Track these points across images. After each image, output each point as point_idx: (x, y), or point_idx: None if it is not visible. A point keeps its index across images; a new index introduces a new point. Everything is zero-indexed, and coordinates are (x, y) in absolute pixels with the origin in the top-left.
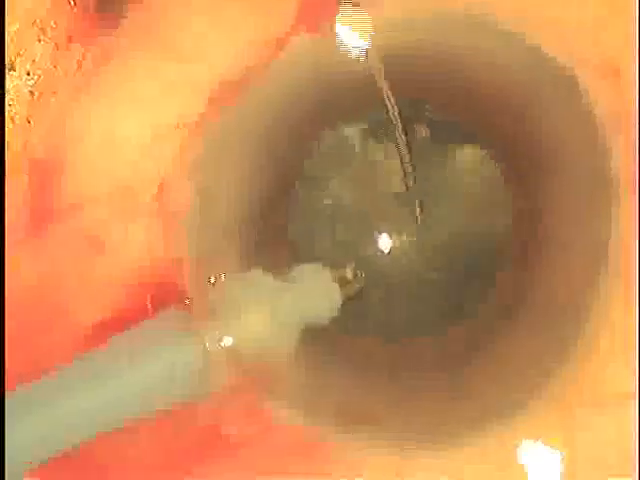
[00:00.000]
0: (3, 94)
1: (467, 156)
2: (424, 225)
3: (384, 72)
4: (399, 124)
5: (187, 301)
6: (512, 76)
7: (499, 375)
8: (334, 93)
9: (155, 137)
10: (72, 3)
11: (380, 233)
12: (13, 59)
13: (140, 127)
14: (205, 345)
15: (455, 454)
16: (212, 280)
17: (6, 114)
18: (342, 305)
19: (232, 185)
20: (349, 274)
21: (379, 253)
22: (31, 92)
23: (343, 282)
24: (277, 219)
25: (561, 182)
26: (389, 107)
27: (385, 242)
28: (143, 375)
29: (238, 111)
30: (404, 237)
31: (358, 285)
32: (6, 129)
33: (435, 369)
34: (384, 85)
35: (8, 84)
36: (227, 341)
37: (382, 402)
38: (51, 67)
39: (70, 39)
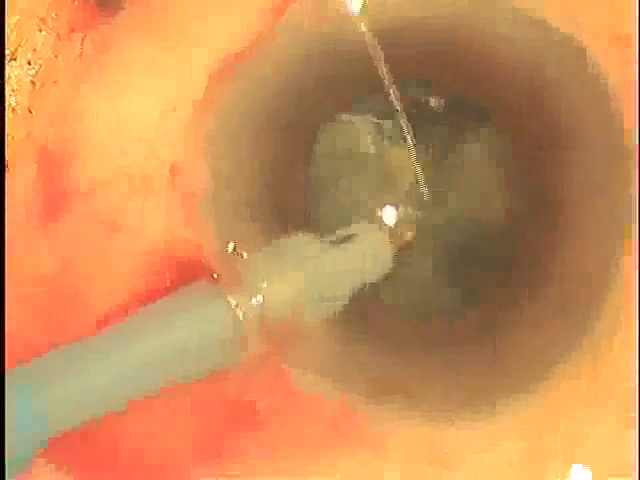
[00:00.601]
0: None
1: (479, 134)
2: (437, 206)
3: (385, 53)
4: (402, 112)
5: (215, 275)
6: (520, 51)
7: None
8: (339, 63)
9: (163, 116)
10: None
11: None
12: (14, 49)
13: (148, 107)
14: (236, 311)
15: (486, 425)
16: (241, 253)
17: (6, 104)
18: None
19: (246, 159)
20: (401, 229)
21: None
22: (32, 82)
23: (393, 233)
24: (294, 191)
25: (577, 157)
26: (391, 95)
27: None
28: (175, 342)
29: (243, 84)
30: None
31: (409, 234)
32: (6, 119)
33: (458, 345)
34: (385, 74)
35: (9, 74)
36: (257, 307)
37: (414, 374)
38: (52, 57)
39: (72, 30)
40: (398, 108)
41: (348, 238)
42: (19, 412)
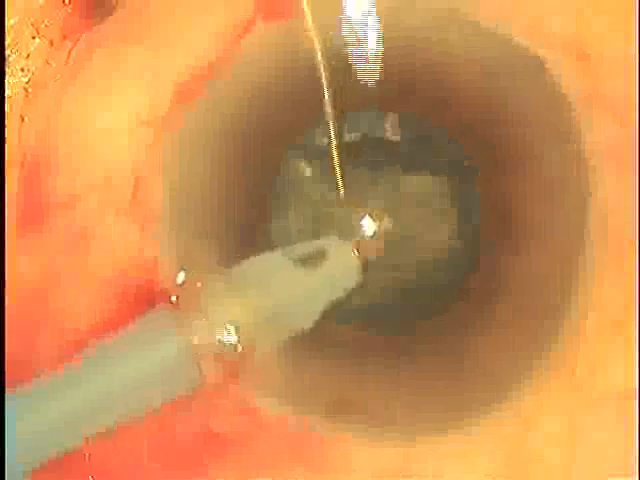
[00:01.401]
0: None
1: (436, 148)
2: (393, 222)
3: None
4: (334, 134)
5: (173, 299)
6: (479, 63)
7: (490, 363)
8: (301, 84)
9: (128, 131)
10: (67, 2)
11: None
12: (7, 56)
13: (114, 121)
14: (191, 341)
15: (457, 439)
16: (195, 282)
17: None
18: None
19: (206, 180)
20: (367, 241)
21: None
22: (25, 89)
23: (361, 247)
24: (252, 214)
25: (535, 167)
26: (328, 115)
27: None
28: (132, 375)
29: (206, 104)
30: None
31: (376, 249)
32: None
33: (421, 361)
34: (328, 102)
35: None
36: (213, 336)
37: (375, 392)
38: (45, 64)
39: (64, 37)
40: (332, 135)
41: (316, 259)
42: None
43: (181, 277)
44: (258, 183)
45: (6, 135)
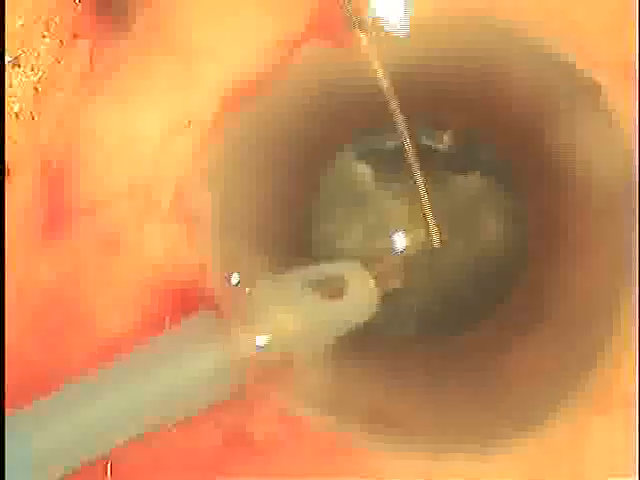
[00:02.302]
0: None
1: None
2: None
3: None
4: (410, 150)
5: (215, 304)
6: (528, 83)
7: (531, 376)
8: (349, 106)
9: (169, 137)
10: (77, 1)
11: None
12: (18, 55)
13: (154, 127)
14: (235, 348)
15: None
16: (245, 287)
17: (7, 110)
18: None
19: (251, 189)
20: (387, 269)
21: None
22: (35, 88)
23: (381, 279)
24: (297, 223)
25: (582, 192)
26: (401, 133)
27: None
28: (173, 379)
29: (254, 115)
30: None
31: (396, 281)
32: (9, 125)
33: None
34: (397, 115)
35: (13, 80)
36: (256, 344)
37: (414, 405)
38: (55, 63)
39: (76, 36)
40: (409, 152)
41: (335, 286)
42: (18, 453)
43: (235, 279)
44: (303, 193)
45: (16, 135)
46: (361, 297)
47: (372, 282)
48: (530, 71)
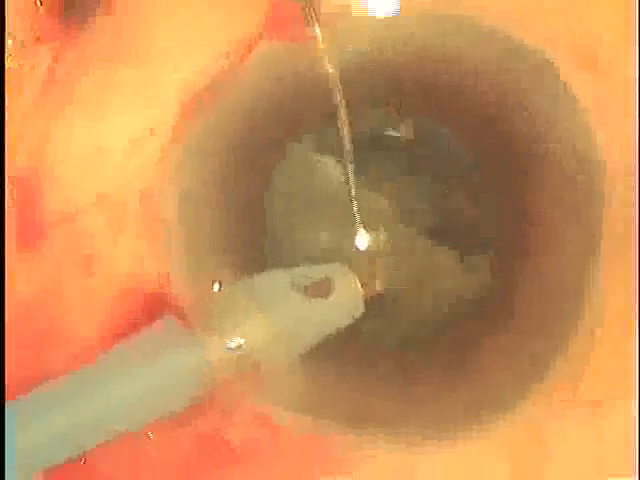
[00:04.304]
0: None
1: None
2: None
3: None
4: (348, 143)
5: (184, 309)
6: (490, 67)
7: (498, 368)
8: (307, 100)
9: (133, 145)
10: (38, 3)
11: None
12: None
13: (120, 136)
14: (203, 349)
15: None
16: (215, 287)
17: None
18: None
19: (214, 191)
20: (373, 270)
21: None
22: None
23: (366, 282)
24: (261, 223)
25: (549, 172)
26: (340, 123)
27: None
28: (142, 383)
29: (212, 117)
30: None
31: (381, 282)
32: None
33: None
34: (340, 107)
35: None
36: (224, 346)
37: (386, 400)
38: (16, 66)
39: (38, 39)
40: (346, 144)
41: (322, 288)
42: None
43: (216, 288)
44: (259, 196)
45: None
46: (347, 297)
47: (357, 283)
48: (489, 54)
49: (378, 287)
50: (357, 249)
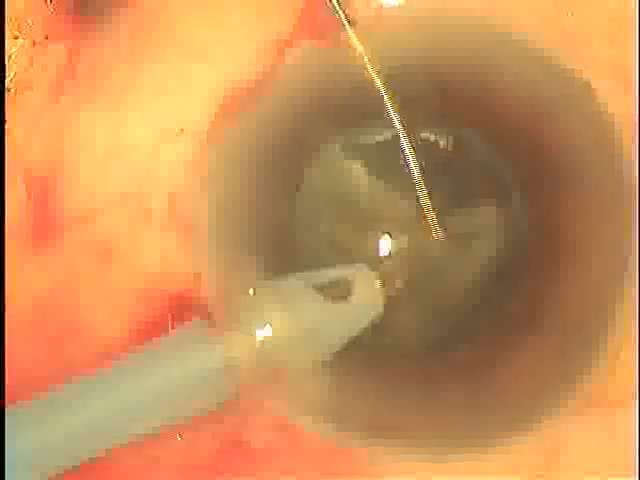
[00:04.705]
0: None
1: (484, 167)
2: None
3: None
4: (407, 143)
5: (210, 311)
6: (527, 86)
7: (522, 384)
8: (341, 103)
9: (160, 145)
10: (48, 2)
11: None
12: None
13: (145, 134)
14: (230, 353)
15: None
16: (250, 292)
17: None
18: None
19: (246, 193)
20: (392, 269)
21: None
22: (8, 89)
23: (386, 282)
24: (293, 229)
25: (582, 192)
26: (396, 125)
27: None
28: (167, 383)
29: (247, 120)
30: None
31: (401, 281)
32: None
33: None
34: (393, 110)
35: None
36: (252, 350)
37: (411, 410)
38: (27, 64)
39: (47, 37)
40: (406, 149)
41: (342, 289)
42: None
43: (251, 293)
44: (296, 193)
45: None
46: (367, 298)
47: (378, 283)
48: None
49: (398, 286)
50: (382, 251)
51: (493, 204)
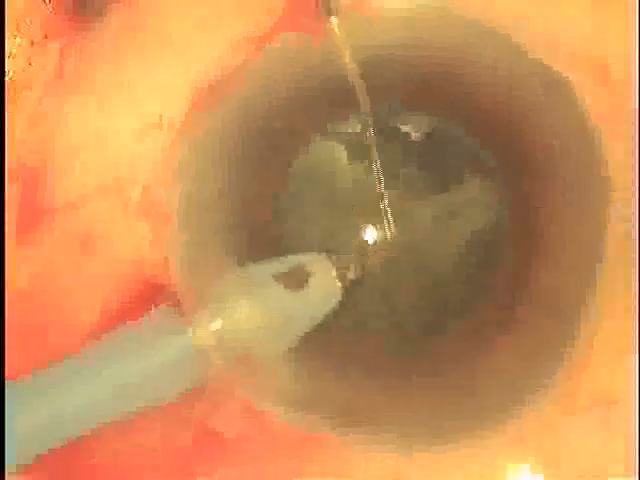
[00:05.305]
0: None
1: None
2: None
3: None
4: (372, 135)
5: (177, 298)
6: (500, 78)
7: (499, 373)
8: (321, 94)
9: (140, 136)
10: (46, 2)
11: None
12: None
13: (126, 126)
14: (193, 339)
15: (453, 452)
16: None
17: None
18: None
19: (219, 185)
20: (350, 261)
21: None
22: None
23: (343, 271)
24: (264, 217)
25: (556, 184)
26: (365, 118)
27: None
28: (132, 372)
29: (223, 111)
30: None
31: (358, 272)
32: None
33: (433, 366)
34: (361, 97)
35: None
36: (217, 337)
37: (381, 400)
38: (26, 64)
39: (46, 37)
40: (370, 140)
41: (298, 277)
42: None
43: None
44: (273, 186)
45: None
46: (323, 287)
47: (334, 273)
48: (502, 64)
49: (353, 275)
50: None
51: (474, 188)
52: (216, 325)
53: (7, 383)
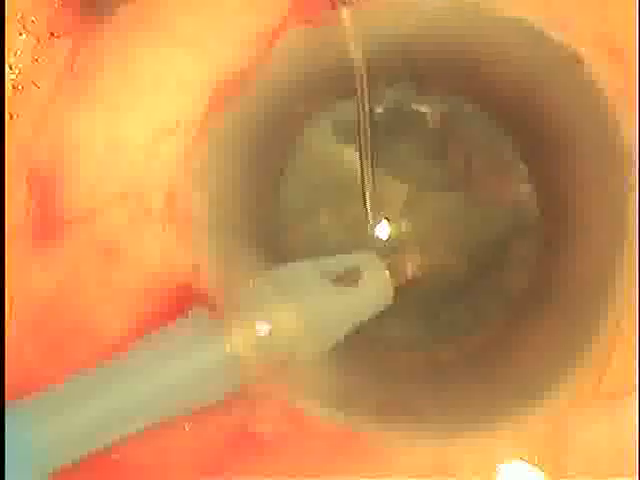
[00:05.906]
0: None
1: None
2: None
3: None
4: (365, 120)
5: (211, 303)
6: (515, 57)
7: (529, 363)
8: (333, 84)
9: (158, 139)
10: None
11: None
12: None
13: (142, 129)
14: (233, 343)
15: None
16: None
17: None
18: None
19: (239, 185)
20: (402, 260)
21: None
22: (14, 86)
23: (397, 271)
24: (291, 218)
25: (575, 160)
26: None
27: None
28: (169, 377)
29: (239, 109)
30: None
31: (410, 272)
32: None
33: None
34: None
35: None
36: (252, 344)
37: (421, 394)
38: (33, 61)
39: (52, 34)
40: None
41: (350, 277)
42: (18, 445)
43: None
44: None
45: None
46: (376, 287)
47: (387, 272)
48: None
49: (408, 275)
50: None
51: (494, 174)
52: (253, 331)
53: (32, 395)
